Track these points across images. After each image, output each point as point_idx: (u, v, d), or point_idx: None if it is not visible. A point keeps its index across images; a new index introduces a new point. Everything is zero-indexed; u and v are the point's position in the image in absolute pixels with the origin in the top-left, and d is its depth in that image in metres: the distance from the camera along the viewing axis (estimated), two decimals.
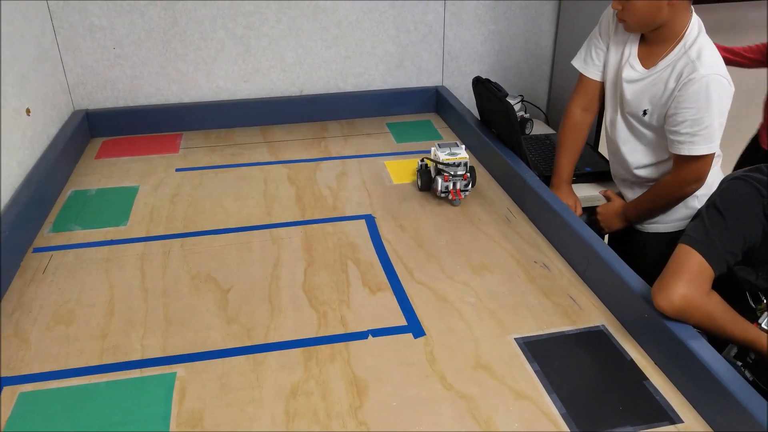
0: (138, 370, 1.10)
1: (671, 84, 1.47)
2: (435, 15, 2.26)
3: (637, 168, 1.65)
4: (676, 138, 1.49)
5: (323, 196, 1.72)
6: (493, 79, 2.00)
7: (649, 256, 1.66)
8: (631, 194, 1.72)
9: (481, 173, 1.84)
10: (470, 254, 1.44)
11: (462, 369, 1.09)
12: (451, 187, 1.63)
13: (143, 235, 1.52)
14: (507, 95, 1.79)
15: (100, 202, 1.68)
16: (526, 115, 2.21)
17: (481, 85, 1.93)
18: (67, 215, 1.61)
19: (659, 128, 1.54)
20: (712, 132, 1.45)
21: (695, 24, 1.48)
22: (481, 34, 2.34)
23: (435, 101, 2.34)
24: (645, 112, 1.55)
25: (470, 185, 1.67)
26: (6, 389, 1.06)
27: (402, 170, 1.86)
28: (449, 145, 1.67)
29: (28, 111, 1.70)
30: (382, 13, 2.22)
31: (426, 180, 1.70)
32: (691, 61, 1.44)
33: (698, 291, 1.09)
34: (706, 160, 1.49)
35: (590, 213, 1.77)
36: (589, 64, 1.68)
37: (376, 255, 1.44)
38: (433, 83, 2.38)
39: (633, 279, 1.19)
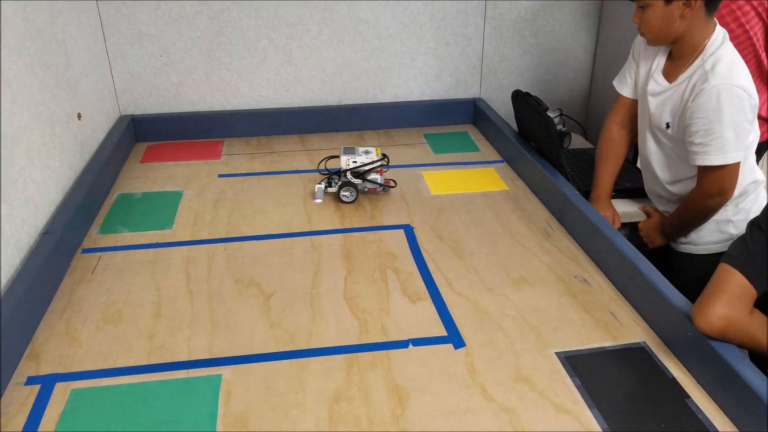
0: (185, 371, 1.13)
1: (686, 95, 1.50)
2: (474, 28, 2.28)
3: (667, 183, 1.66)
4: (691, 149, 1.50)
5: (362, 205, 1.74)
6: (531, 93, 2.01)
7: (685, 277, 1.65)
8: (665, 210, 1.72)
9: (520, 186, 1.85)
10: (509, 267, 1.44)
11: (503, 381, 1.10)
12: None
13: (188, 238, 1.56)
14: (547, 109, 1.80)
15: (146, 205, 1.73)
16: (565, 129, 2.21)
17: (521, 98, 1.94)
18: (114, 218, 1.66)
19: (682, 141, 1.55)
20: (724, 142, 1.45)
21: (718, 36, 1.49)
22: (521, 47, 2.35)
23: (472, 113, 2.36)
24: (668, 126, 1.57)
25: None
26: (59, 385, 1.09)
27: (440, 181, 1.88)
28: (351, 151, 1.75)
29: (79, 116, 1.76)
30: (422, 25, 2.24)
31: (355, 189, 1.74)
32: (705, 72, 1.46)
33: (739, 311, 1.09)
34: (725, 171, 1.49)
35: (629, 229, 1.77)
36: (623, 82, 1.73)
37: (415, 265, 1.46)
38: (471, 95, 2.39)
39: (675, 296, 1.18)
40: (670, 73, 1.57)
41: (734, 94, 1.42)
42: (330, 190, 1.77)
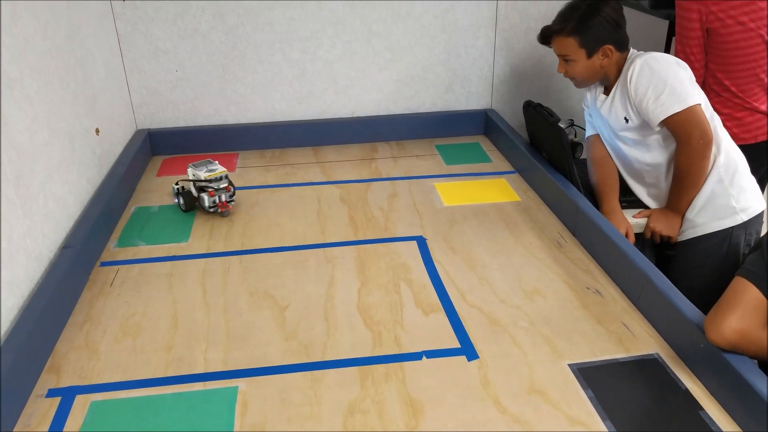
0: (201, 383, 1.14)
1: (625, 87, 1.68)
2: (486, 40, 2.30)
3: (656, 172, 1.73)
4: (650, 113, 1.63)
5: (375, 216, 1.76)
6: (542, 103, 2.02)
7: (689, 266, 1.74)
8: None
9: (532, 197, 1.86)
10: (522, 278, 1.45)
11: (516, 393, 1.11)
12: (217, 200, 1.72)
13: (203, 251, 1.58)
14: (559, 120, 1.81)
15: (162, 218, 1.75)
16: (576, 139, 2.22)
17: (532, 109, 1.95)
18: (132, 231, 1.68)
19: (643, 124, 1.68)
20: (674, 91, 1.59)
21: (633, 50, 1.73)
22: (532, 58, 2.36)
23: (484, 124, 2.37)
24: (627, 120, 1.71)
25: (234, 195, 1.77)
26: (79, 398, 1.12)
27: (452, 192, 1.89)
28: (204, 164, 1.77)
29: (97, 131, 1.79)
30: (434, 38, 2.26)
31: (189, 200, 1.76)
32: (629, 64, 1.68)
33: (752, 325, 1.09)
34: (690, 115, 1.59)
35: (639, 240, 1.76)
36: (588, 126, 1.94)
37: (428, 276, 1.47)
38: (482, 106, 2.41)
39: (688, 308, 1.19)
40: (607, 90, 1.78)
41: (657, 58, 1.64)
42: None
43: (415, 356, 1.21)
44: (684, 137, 1.61)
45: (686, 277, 1.69)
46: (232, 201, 1.76)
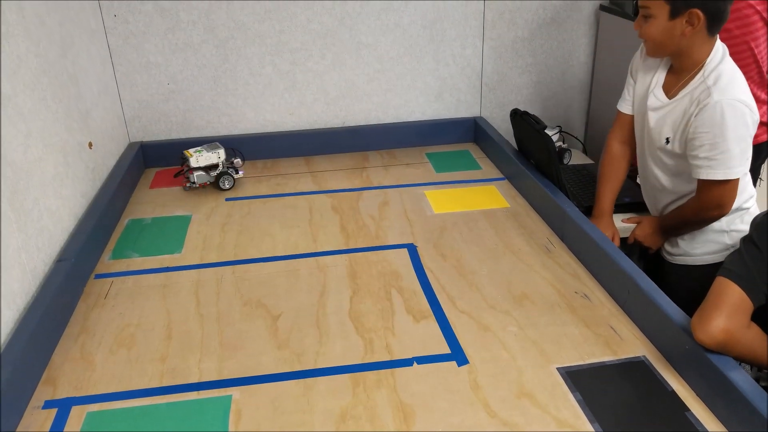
0: (196, 393, 1.16)
1: (690, 110, 1.52)
2: (473, 49, 2.33)
3: (668, 198, 1.68)
4: (695, 162, 1.52)
5: (366, 225, 1.78)
6: (530, 110, 2.04)
7: (681, 289, 1.68)
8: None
9: (521, 203, 1.88)
10: (511, 284, 1.47)
11: (505, 397, 1.13)
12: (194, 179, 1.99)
13: (197, 262, 1.60)
14: (545, 127, 1.84)
15: (156, 230, 1.77)
16: (564, 146, 2.25)
17: (519, 117, 1.97)
18: (126, 243, 1.70)
19: (682, 155, 1.57)
20: (730, 157, 1.47)
21: (718, 51, 1.52)
22: (519, 66, 2.40)
23: (473, 132, 2.40)
24: (668, 140, 1.59)
25: (194, 181, 2.00)
26: (75, 408, 1.13)
27: (442, 200, 1.92)
28: (207, 148, 2.01)
29: (90, 144, 1.81)
30: (422, 48, 2.29)
31: (188, 176, 2.01)
32: (707, 87, 1.49)
33: (738, 324, 1.11)
34: (726, 186, 1.51)
35: (624, 244, 1.78)
36: (623, 99, 1.77)
37: (418, 283, 1.49)
38: (472, 114, 2.44)
39: (674, 310, 1.21)
40: (669, 89, 1.59)
41: (737, 110, 1.45)
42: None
43: (406, 362, 1.23)
44: (704, 201, 1.55)
45: (678, 300, 1.68)
46: (192, 184, 2.00)
